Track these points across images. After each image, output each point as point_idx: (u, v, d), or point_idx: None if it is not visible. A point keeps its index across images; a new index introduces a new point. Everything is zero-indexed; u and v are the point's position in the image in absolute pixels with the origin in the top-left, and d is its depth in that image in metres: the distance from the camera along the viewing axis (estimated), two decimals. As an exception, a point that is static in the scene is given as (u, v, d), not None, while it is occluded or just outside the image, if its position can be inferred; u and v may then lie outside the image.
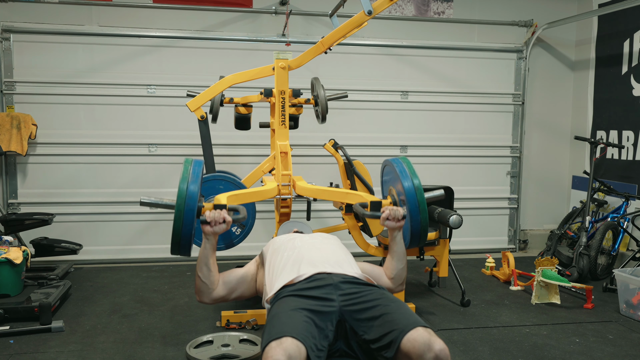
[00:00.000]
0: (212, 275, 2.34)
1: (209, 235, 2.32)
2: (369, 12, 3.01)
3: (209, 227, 2.29)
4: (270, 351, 1.69)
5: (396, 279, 2.44)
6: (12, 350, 2.81)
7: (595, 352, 2.89)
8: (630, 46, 4.73)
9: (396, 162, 2.63)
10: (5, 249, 3.48)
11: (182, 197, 2.29)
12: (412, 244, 2.56)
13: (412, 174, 2.52)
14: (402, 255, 2.44)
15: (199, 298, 2.38)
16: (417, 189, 2.47)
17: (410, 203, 2.46)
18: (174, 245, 2.36)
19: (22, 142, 4.34)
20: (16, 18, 4.48)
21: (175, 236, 2.33)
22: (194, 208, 2.30)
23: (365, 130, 5.03)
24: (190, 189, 2.31)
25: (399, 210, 2.39)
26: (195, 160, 2.49)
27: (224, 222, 2.30)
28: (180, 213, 2.28)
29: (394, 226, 2.40)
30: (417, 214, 2.45)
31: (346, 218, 3.40)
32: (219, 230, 2.31)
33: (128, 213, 4.73)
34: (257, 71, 3.42)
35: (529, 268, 4.32)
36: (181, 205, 2.29)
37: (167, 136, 4.71)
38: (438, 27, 5.16)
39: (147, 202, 2.43)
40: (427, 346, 1.75)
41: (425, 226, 2.48)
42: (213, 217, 2.29)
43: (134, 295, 3.80)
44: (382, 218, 2.40)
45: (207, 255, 2.33)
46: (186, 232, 2.31)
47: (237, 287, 2.43)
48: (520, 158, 5.37)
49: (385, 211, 2.40)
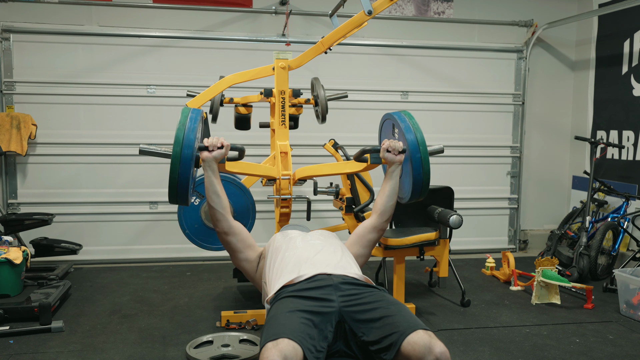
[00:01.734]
0: (222, 200, 2.43)
1: (208, 160, 2.38)
2: (369, 12, 3.01)
3: (207, 152, 2.37)
4: (266, 352, 1.69)
5: (384, 214, 2.54)
6: (11, 351, 2.81)
7: (595, 352, 2.89)
8: (630, 46, 4.73)
9: (399, 116, 2.67)
10: (5, 249, 3.48)
11: (178, 145, 2.29)
12: (414, 195, 2.61)
13: (415, 129, 2.58)
14: (394, 192, 2.55)
15: (216, 227, 2.46)
16: (420, 143, 2.53)
17: (413, 158, 2.52)
18: (172, 193, 2.36)
19: (22, 142, 4.34)
20: (16, 18, 4.48)
21: (172, 184, 2.33)
22: (190, 155, 2.30)
23: (365, 130, 5.01)
24: (187, 137, 2.31)
25: (398, 143, 2.50)
26: (194, 109, 2.49)
27: (221, 147, 2.38)
28: (176, 161, 2.29)
29: (393, 159, 2.51)
30: (420, 169, 2.52)
31: (346, 218, 3.41)
32: (218, 156, 2.39)
33: (128, 213, 4.73)
34: (257, 71, 3.42)
35: (529, 268, 4.31)
36: (177, 153, 2.29)
37: (167, 136, 4.66)
38: (438, 27, 5.16)
39: (146, 150, 2.48)
40: (428, 349, 1.75)
41: (427, 181, 2.55)
42: (211, 142, 2.38)
43: (134, 295, 3.80)
44: (382, 149, 2.51)
45: (212, 182, 2.40)
46: (183, 180, 2.31)
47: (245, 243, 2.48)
48: (521, 158, 5.37)
49: (385, 143, 2.49)
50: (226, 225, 2.44)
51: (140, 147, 2.48)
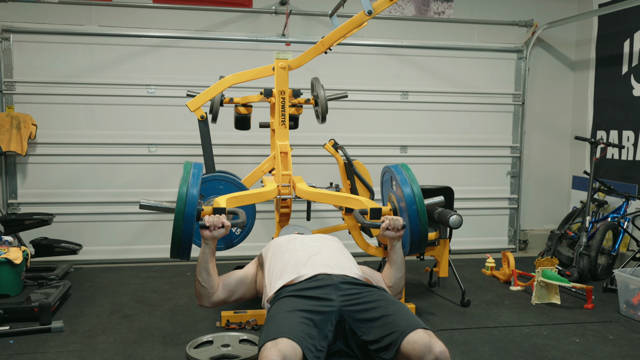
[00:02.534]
0: (211, 279, 2.34)
1: (207, 239, 2.32)
2: (369, 12, 3.01)
3: (208, 231, 2.30)
4: (265, 351, 1.69)
5: (394, 288, 2.45)
6: (12, 351, 2.81)
7: (595, 353, 2.89)
8: (630, 46, 4.73)
9: (396, 169, 2.64)
10: (5, 249, 3.48)
11: (182, 201, 2.30)
12: (411, 251, 2.57)
13: (412, 181, 2.53)
14: (400, 264, 2.44)
15: (199, 302, 2.39)
16: (416, 196, 2.47)
17: (409, 210, 2.46)
18: (174, 249, 2.36)
19: (22, 142, 4.34)
20: (16, 18, 4.48)
21: (174, 240, 2.34)
22: (193, 212, 2.30)
23: (365, 130, 5.02)
24: (190, 193, 2.31)
25: (398, 220, 2.39)
26: (195, 163, 2.49)
27: (222, 227, 2.31)
28: (180, 217, 2.29)
29: (394, 236, 2.41)
30: (417, 221, 2.46)
31: (346, 218, 3.40)
32: (217, 235, 2.32)
33: (128, 213, 4.73)
34: (257, 71, 3.42)
35: (529, 268, 4.31)
36: (181, 209, 2.29)
37: (167, 136, 4.71)
38: (438, 27, 5.16)
39: (147, 205, 2.44)
40: (427, 348, 1.75)
41: (424, 233, 2.49)
42: (212, 222, 2.29)
43: (134, 295, 3.80)
44: (382, 228, 2.40)
45: (206, 259, 2.33)
46: (186, 236, 2.32)
47: (237, 289, 2.43)
48: (521, 158, 5.36)
49: (385, 221, 2.40)
50: (208, 303, 2.38)
51: (141, 203, 2.44)
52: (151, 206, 2.43)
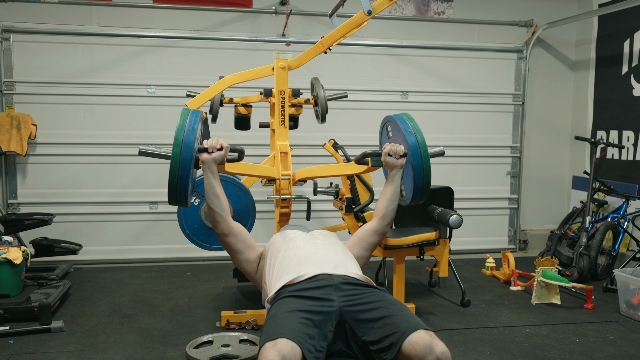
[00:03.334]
0: (221, 202, 2.43)
1: (208, 162, 2.38)
2: (368, 12, 3.01)
3: (207, 154, 2.37)
4: (264, 352, 1.69)
5: (385, 217, 2.55)
6: (12, 351, 2.81)
7: (595, 353, 2.89)
8: (630, 46, 4.73)
9: (399, 118, 2.68)
10: (5, 249, 3.48)
11: (178, 147, 2.30)
12: (415, 197, 2.62)
13: (416, 131, 2.58)
14: (395, 195, 2.56)
15: (217, 229, 2.46)
16: (420, 146, 2.54)
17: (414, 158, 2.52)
18: (171, 195, 2.36)
19: (22, 142, 4.34)
20: (16, 18, 4.48)
21: (171, 186, 2.33)
22: (190, 157, 2.30)
23: (365, 130, 5.01)
24: (187, 138, 2.31)
25: (400, 147, 2.51)
26: (193, 110, 2.49)
27: (221, 149, 2.38)
28: (176, 162, 2.29)
29: (395, 163, 2.52)
30: (421, 169, 2.53)
31: (346, 218, 3.41)
32: (217, 157, 2.39)
33: (128, 213, 4.73)
34: (257, 71, 3.42)
35: (529, 268, 4.31)
36: (177, 155, 2.29)
37: (167, 136, 4.66)
38: (438, 27, 5.16)
39: (146, 151, 2.49)
40: (429, 349, 1.75)
41: (428, 180, 2.56)
42: (210, 144, 2.37)
43: (133, 295, 3.80)
44: (384, 153, 2.52)
45: (211, 183, 2.40)
46: (182, 181, 2.32)
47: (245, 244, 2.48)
48: (521, 158, 5.37)
49: (386, 147, 2.49)
50: (226, 227, 2.44)
51: (140, 149, 2.49)
52: (150, 152, 2.50)
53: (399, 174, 2.55)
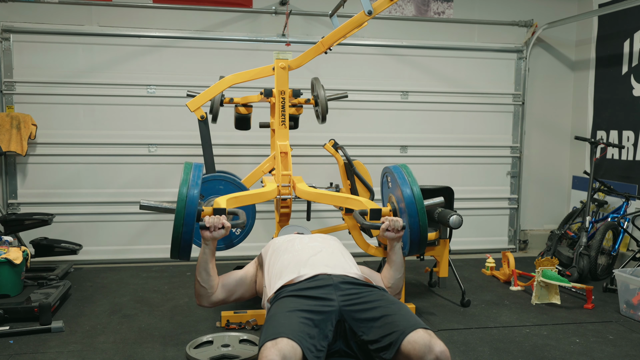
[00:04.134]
0: (211, 279, 2.35)
1: (208, 240, 2.33)
2: (369, 12, 3.01)
3: (208, 232, 2.30)
4: (265, 351, 1.69)
5: (393, 288, 2.44)
6: (12, 351, 2.81)
7: (595, 353, 2.89)
8: (630, 46, 4.73)
9: (395, 169, 2.63)
10: (5, 249, 3.48)
11: (182, 201, 2.30)
12: (411, 251, 2.57)
13: (411, 182, 2.52)
14: (400, 265, 2.44)
15: (198, 302, 2.39)
16: (416, 197, 2.47)
17: (409, 211, 2.46)
18: (174, 250, 2.36)
19: (22, 142, 4.34)
20: (16, 18, 4.47)
21: (175, 241, 2.34)
22: (193, 212, 2.30)
23: (365, 130, 5.02)
24: (190, 194, 2.31)
25: (398, 221, 2.38)
26: (195, 164, 2.49)
27: (222, 228, 2.31)
28: (180, 218, 2.29)
29: (394, 237, 2.40)
30: (417, 222, 2.45)
31: (346, 218, 3.40)
32: (217, 236, 2.32)
33: (128, 213, 4.73)
34: (257, 71, 3.42)
35: (529, 268, 4.31)
36: (181, 210, 2.29)
37: (167, 136, 4.71)
38: (438, 27, 5.16)
39: (147, 205, 2.44)
40: (428, 348, 1.75)
41: (424, 234, 2.48)
42: (212, 223, 2.29)
43: (133, 295, 3.80)
44: (382, 229, 2.40)
45: (206, 260, 2.34)
46: (186, 237, 2.32)
47: (236, 289, 2.43)
48: (521, 158, 5.36)
49: (385, 222, 2.39)
50: (208, 303, 2.39)
51: (141, 203, 2.44)
52: (151, 207, 2.44)
53: (399, 245, 2.45)
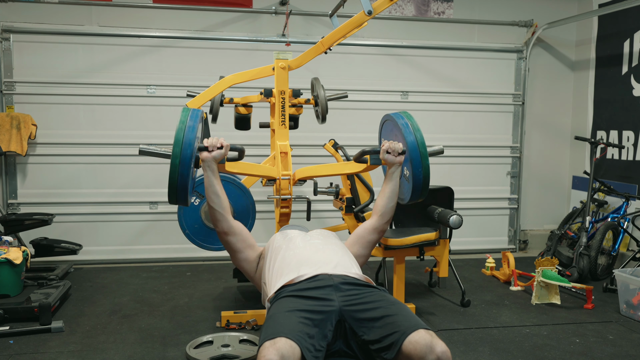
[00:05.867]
0: (222, 200, 2.44)
1: (208, 161, 2.39)
2: (369, 12, 3.01)
3: (207, 152, 2.38)
4: (263, 351, 1.69)
5: (384, 215, 2.55)
6: (11, 351, 2.81)
7: (595, 353, 2.89)
8: (630, 46, 4.73)
9: (398, 117, 2.66)
10: (5, 249, 3.48)
11: (178, 145, 2.30)
12: (414, 197, 2.62)
13: (415, 130, 2.57)
14: (394, 193, 2.56)
15: (217, 227, 2.48)
16: (419, 144, 2.53)
17: (413, 157, 2.51)
18: (172, 194, 2.37)
19: (22, 142, 4.34)
20: (16, 18, 4.47)
21: (172, 184, 2.33)
22: (190, 155, 2.30)
23: (365, 130, 5.01)
24: (187, 137, 2.31)
25: (398, 144, 2.51)
26: (194, 109, 2.49)
27: (221, 148, 2.39)
28: (176, 161, 2.29)
29: (393, 160, 2.52)
30: (420, 168, 2.52)
31: (346, 218, 3.41)
32: (217, 156, 2.39)
33: (128, 213, 4.73)
34: (257, 71, 3.42)
35: (529, 268, 4.31)
36: (177, 153, 2.30)
37: (167, 136, 4.66)
38: (438, 27, 5.16)
39: (146, 150, 2.48)
40: (429, 348, 1.75)
41: (426, 180, 2.55)
42: (211, 142, 2.39)
43: (133, 295, 3.80)
44: (382, 150, 2.52)
45: (212, 182, 2.41)
46: (183, 180, 2.32)
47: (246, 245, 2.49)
48: (521, 158, 5.36)
49: (384, 144, 2.47)
50: (226, 225, 2.45)
51: (140, 148, 2.50)
52: (150, 151, 2.49)
53: (398, 172, 2.55)
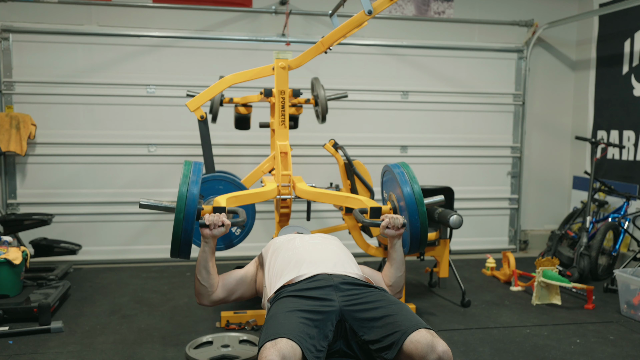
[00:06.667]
0: (211, 278, 2.34)
1: (207, 238, 2.32)
2: (369, 12, 3.00)
3: (208, 230, 2.29)
4: (264, 351, 1.69)
5: (394, 287, 2.43)
6: (11, 351, 2.81)
7: (596, 353, 2.88)
8: (631, 46, 4.73)
9: (395, 168, 2.62)
10: (5, 250, 3.47)
11: (182, 200, 2.29)
12: (412, 250, 2.55)
13: (411, 180, 2.51)
14: (400, 263, 2.43)
15: (198, 301, 2.39)
16: (416, 195, 2.45)
17: (409, 209, 2.45)
18: (174, 249, 2.36)
19: (22, 142, 4.34)
20: (15, 18, 4.47)
21: (175, 240, 2.33)
22: (193, 211, 2.30)
23: (365, 130, 5.02)
24: (191, 192, 2.31)
25: (398, 219, 2.37)
26: (195, 162, 2.48)
27: (222, 226, 2.30)
28: (180, 216, 2.28)
29: (394, 234, 2.39)
30: (417, 220, 2.44)
31: (346, 218, 3.39)
32: (217, 234, 2.31)
33: (128, 213, 4.72)
34: (257, 71, 3.41)
35: (530, 268, 4.30)
36: (181, 209, 2.28)
37: (167, 136, 4.70)
38: (438, 27, 5.15)
39: (147, 204, 2.42)
40: (430, 347, 1.75)
41: (424, 233, 2.47)
42: (212, 221, 2.28)
43: (133, 295, 3.79)
44: (382, 227, 2.39)
45: (206, 258, 2.33)
46: (186, 235, 2.31)
47: (237, 288, 2.42)
48: (521, 158, 5.36)
49: (385, 220, 2.38)
50: (208, 301, 2.38)
51: (141, 202, 2.41)
52: (151, 205, 2.43)
53: (400, 242, 2.43)
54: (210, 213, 2.36)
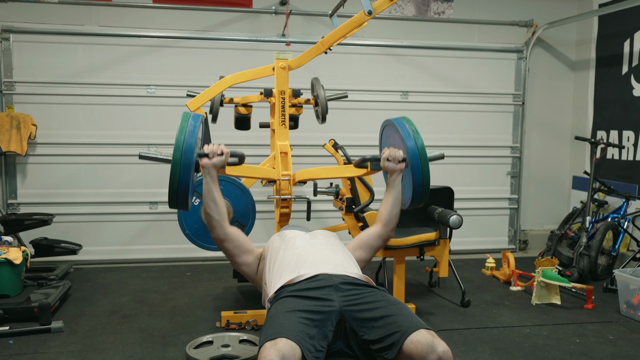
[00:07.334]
0: (219, 208, 2.41)
1: (208, 167, 2.38)
2: (369, 12, 3.00)
3: (207, 159, 2.37)
4: (264, 351, 1.69)
5: (389, 223, 2.51)
6: (11, 351, 2.81)
7: (595, 353, 2.89)
8: (630, 46, 4.73)
9: (398, 122, 2.64)
10: (5, 250, 3.48)
11: (179, 150, 2.30)
12: (414, 202, 2.58)
13: (415, 134, 2.55)
14: (397, 200, 2.52)
15: (212, 234, 2.45)
16: (420, 148, 2.51)
17: (413, 163, 2.49)
18: (172, 199, 2.37)
19: (22, 142, 4.34)
20: (16, 18, 4.47)
21: (172, 190, 2.33)
22: (191, 161, 2.30)
23: (365, 130, 5.01)
24: (187, 141, 2.31)
25: (398, 152, 2.47)
26: (194, 114, 2.49)
27: (222, 155, 2.38)
28: (176, 166, 2.29)
29: (394, 168, 2.48)
30: (420, 174, 2.49)
31: (346, 218, 3.40)
32: (217, 162, 2.38)
33: (128, 213, 4.73)
34: (257, 71, 3.41)
35: (529, 268, 4.31)
36: (178, 158, 2.29)
37: (167, 136, 4.70)
38: (438, 27, 5.16)
39: (146, 155, 2.48)
40: (430, 348, 1.75)
41: (427, 183, 2.52)
42: (211, 149, 2.38)
43: (133, 295, 3.79)
44: (382, 158, 2.48)
45: (210, 189, 2.39)
46: (183, 186, 2.32)
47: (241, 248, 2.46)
48: (521, 158, 5.36)
49: (385, 152, 2.46)
50: (222, 233, 2.42)
51: (140, 153, 2.49)
52: (150, 156, 2.48)
53: (399, 179, 2.51)
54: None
